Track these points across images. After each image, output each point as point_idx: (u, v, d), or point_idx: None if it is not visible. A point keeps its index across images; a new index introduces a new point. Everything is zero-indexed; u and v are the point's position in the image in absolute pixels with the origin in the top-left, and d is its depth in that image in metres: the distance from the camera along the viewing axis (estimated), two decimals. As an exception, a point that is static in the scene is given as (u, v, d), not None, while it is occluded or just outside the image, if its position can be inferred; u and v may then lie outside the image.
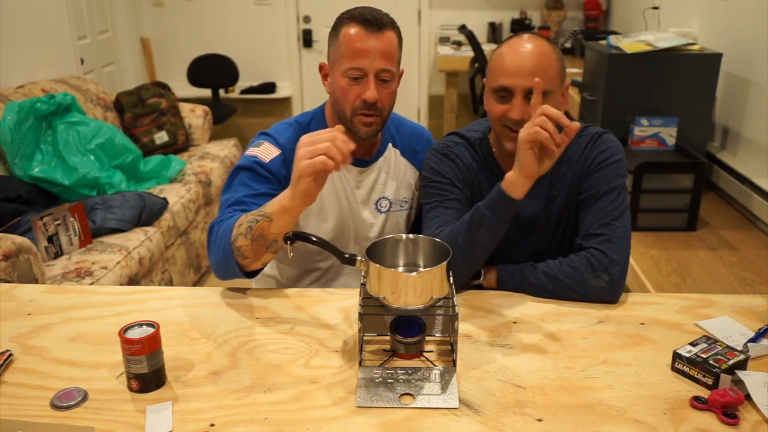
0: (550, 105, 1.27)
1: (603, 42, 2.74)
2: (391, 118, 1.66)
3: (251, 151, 1.53)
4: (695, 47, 2.50)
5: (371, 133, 1.50)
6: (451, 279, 1.17)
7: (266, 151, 1.52)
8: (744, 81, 2.43)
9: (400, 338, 1.16)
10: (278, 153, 1.51)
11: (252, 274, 1.42)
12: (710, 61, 2.43)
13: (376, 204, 1.64)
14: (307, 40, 5.17)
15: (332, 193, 1.60)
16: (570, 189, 1.49)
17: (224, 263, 1.38)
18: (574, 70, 3.74)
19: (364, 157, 1.61)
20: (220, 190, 2.83)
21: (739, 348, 1.16)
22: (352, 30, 1.43)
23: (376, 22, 1.43)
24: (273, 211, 1.29)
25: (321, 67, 1.55)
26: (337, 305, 1.37)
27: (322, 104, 1.62)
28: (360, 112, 1.46)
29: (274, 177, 1.50)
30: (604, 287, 1.35)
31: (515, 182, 1.30)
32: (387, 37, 1.44)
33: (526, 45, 1.38)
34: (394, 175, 1.65)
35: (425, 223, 1.50)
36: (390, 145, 1.66)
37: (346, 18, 1.47)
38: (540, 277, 1.39)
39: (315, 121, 1.59)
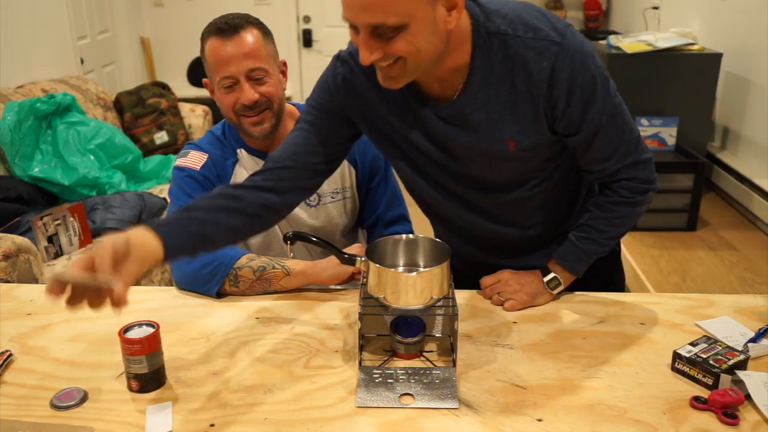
0: (415, 36, 1.01)
1: (603, 42, 2.73)
2: None
3: (182, 162, 1.57)
4: (695, 47, 2.49)
5: (264, 131, 1.52)
6: (451, 279, 1.17)
7: (194, 159, 1.58)
8: (744, 81, 2.43)
9: (400, 338, 1.16)
10: (206, 157, 1.57)
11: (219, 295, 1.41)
12: (710, 61, 2.43)
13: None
14: (307, 39, 5.16)
15: None
16: (524, 116, 1.14)
17: (205, 277, 1.38)
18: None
19: None
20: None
21: (739, 348, 1.16)
22: (211, 42, 1.49)
23: (229, 27, 1.47)
24: (295, 270, 1.39)
25: (206, 84, 1.60)
26: (337, 305, 1.37)
27: None
28: (242, 114, 1.50)
29: (208, 180, 1.55)
30: (650, 198, 1.26)
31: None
32: (243, 38, 1.47)
33: None
34: None
35: None
36: None
37: (205, 32, 1.52)
38: (603, 243, 1.30)
39: (226, 126, 1.63)
